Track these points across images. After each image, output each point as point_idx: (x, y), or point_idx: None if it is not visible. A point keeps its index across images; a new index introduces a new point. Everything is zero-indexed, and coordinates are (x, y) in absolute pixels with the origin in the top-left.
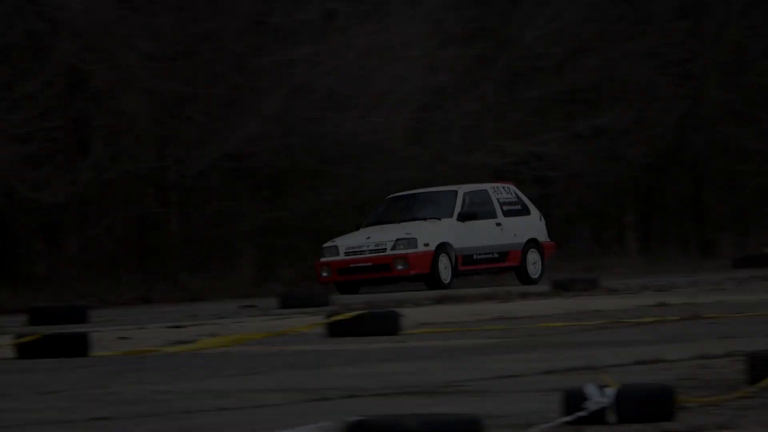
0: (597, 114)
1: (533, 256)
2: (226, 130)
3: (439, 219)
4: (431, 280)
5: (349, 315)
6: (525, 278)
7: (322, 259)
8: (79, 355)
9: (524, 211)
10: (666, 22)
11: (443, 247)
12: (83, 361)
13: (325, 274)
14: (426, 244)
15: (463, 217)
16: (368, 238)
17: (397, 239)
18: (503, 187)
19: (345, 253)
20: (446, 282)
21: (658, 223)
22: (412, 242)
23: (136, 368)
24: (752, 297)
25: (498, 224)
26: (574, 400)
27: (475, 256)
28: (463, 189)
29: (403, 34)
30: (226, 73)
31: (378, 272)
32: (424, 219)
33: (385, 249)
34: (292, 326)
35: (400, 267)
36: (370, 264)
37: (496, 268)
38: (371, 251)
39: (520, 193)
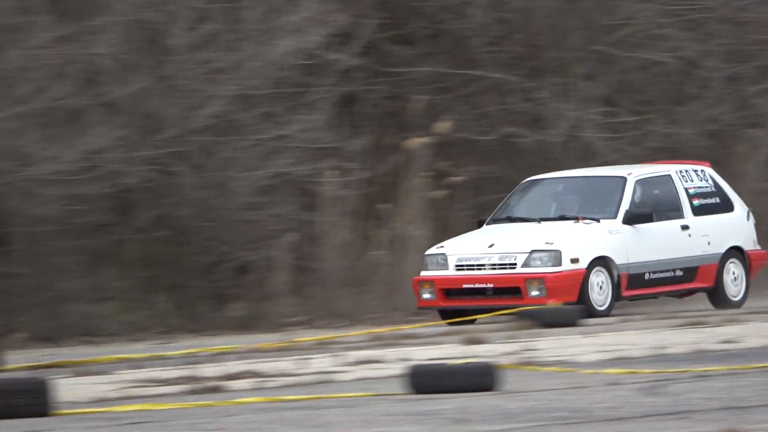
0: None
1: (735, 271)
2: None
3: (598, 220)
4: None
5: None
6: (720, 300)
7: (424, 274)
8: None
9: (725, 206)
10: None
11: (599, 263)
12: None
13: (426, 296)
14: (574, 260)
15: (633, 219)
16: (491, 245)
17: (533, 251)
18: (695, 171)
19: (456, 266)
20: (603, 310)
21: None
22: (554, 256)
23: None
24: None
25: (684, 227)
26: None
27: (647, 276)
28: (635, 174)
29: None
30: None
31: (503, 298)
32: (576, 219)
33: (515, 264)
34: None
35: (535, 293)
36: (490, 285)
37: (678, 291)
38: (494, 266)
39: (719, 179)
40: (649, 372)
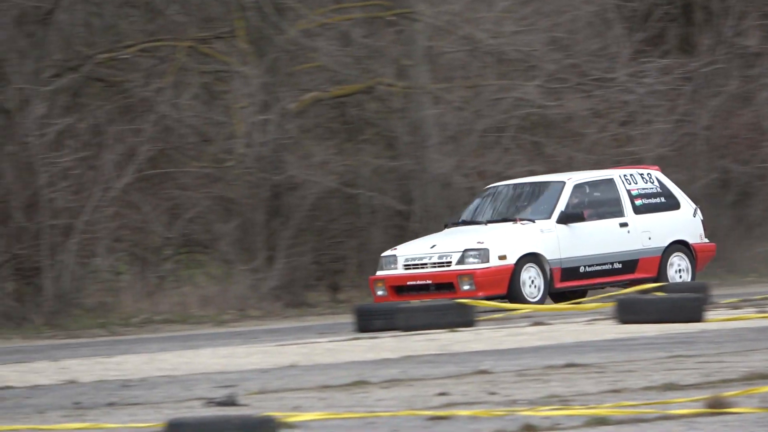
0: None
1: (680, 263)
2: None
3: (533, 221)
4: (514, 301)
5: None
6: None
7: (379, 273)
8: None
9: (670, 205)
10: None
11: (530, 259)
12: None
13: (380, 292)
14: (502, 257)
15: (567, 219)
16: (433, 246)
17: (465, 249)
18: (641, 174)
19: (404, 265)
20: (535, 302)
21: None
22: (483, 254)
23: None
24: None
25: (623, 224)
26: None
27: (582, 269)
28: (574, 179)
29: None
30: None
31: (441, 292)
32: (515, 221)
33: (450, 262)
34: None
35: (466, 287)
36: (430, 282)
37: (622, 282)
38: (433, 264)
39: (666, 181)
40: None
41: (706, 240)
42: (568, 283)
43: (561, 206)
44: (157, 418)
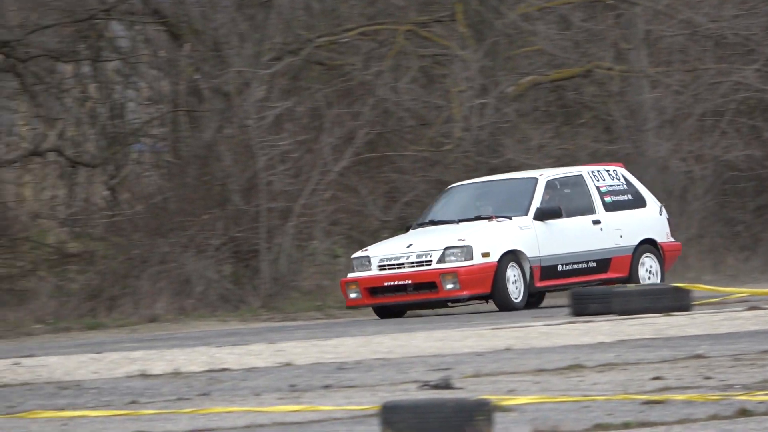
0: None
1: (650, 262)
2: None
3: (510, 218)
4: (498, 301)
5: None
6: None
7: (350, 275)
8: None
9: (637, 203)
10: None
11: (511, 257)
12: None
13: (353, 295)
14: (485, 254)
15: (543, 216)
16: (410, 245)
17: (446, 248)
18: (607, 171)
19: (378, 266)
20: (518, 302)
21: None
22: (466, 251)
23: None
24: None
25: (596, 222)
26: None
27: (560, 267)
28: (546, 175)
29: None
30: None
31: (421, 293)
32: (490, 218)
33: (431, 261)
34: None
35: (449, 286)
36: (409, 282)
37: (594, 281)
38: (412, 264)
39: (631, 178)
40: None
41: (672, 239)
42: (548, 282)
43: (536, 202)
44: (373, 401)
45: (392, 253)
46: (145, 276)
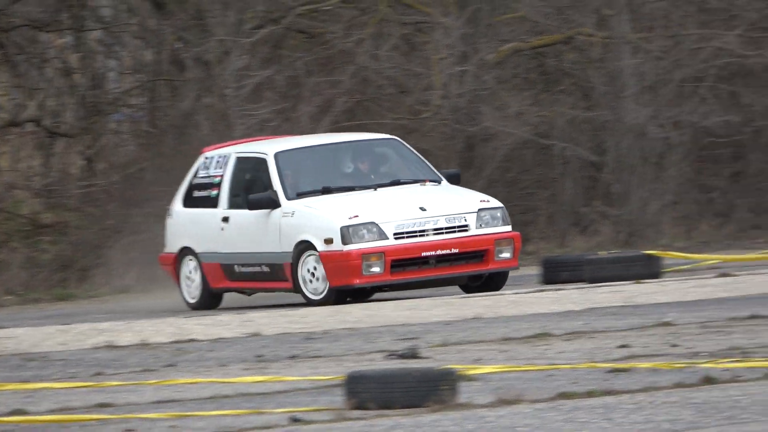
0: None
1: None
2: None
3: (438, 182)
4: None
5: None
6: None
7: (363, 246)
8: None
9: None
10: None
11: None
12: None
13: (375, 269)
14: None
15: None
16: (423, 209)
17: (480, 209)
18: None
19: (395, 234)
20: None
21: None
22: (502, 214)
23: None
24: None
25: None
26: None
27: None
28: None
29: None
30: None
31: (469, 264)
32: (423, 182)
33: (467, 226)
34: None
35: (504, 255)
36: (457, 251)
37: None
38: (437, 231)
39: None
40: None
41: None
42: None
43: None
44: (338, 371)
45: (407, 218)
46: (118, 246)
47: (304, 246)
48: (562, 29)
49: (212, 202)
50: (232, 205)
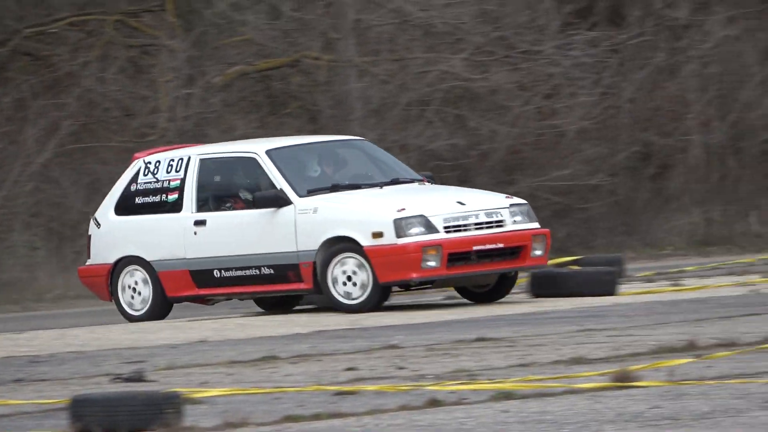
0: None
1: None
2: None
3: (424, 181)
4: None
5: None
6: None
7: (420, 239)
8: None
9: None
10: None
11: None
12: None
13: (432, 263)
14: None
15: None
16: (461, 203)
17: (512, 204)
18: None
19: (445, 228)
20: None
21: None
22: (528, 211)
23: None
24: None
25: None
26: None
27: None
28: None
29: None
30: None
31: (505, 261)
32: (421, 181)
33: (502, 221)
34: None
35: (538, 252)
36: (502, 246)
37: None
38: (478, 226)
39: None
40: None
41: None
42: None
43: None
44: (64, 394)
45: (452, 211)
46: None
47: (338, 243)
48: (288, 52)
49: (170, 207)
50: (204, 208)
